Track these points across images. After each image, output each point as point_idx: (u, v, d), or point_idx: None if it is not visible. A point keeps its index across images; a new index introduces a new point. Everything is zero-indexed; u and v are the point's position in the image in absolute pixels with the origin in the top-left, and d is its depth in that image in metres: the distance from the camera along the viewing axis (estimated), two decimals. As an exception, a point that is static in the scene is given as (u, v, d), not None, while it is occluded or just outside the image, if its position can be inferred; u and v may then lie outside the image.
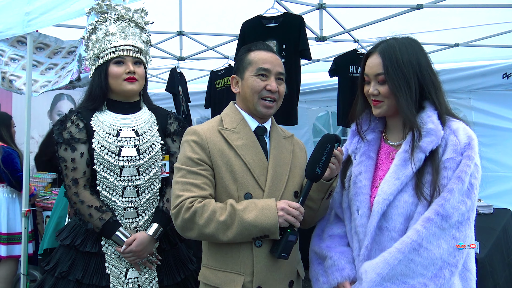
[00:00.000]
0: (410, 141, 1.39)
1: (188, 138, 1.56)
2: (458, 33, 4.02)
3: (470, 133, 1.37)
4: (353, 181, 1.51)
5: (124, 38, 1.87)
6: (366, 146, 1.53)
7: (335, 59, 3.98)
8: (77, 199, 1.80)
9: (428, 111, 1.39)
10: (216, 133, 1.55)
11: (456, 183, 1.29)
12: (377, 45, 1.47)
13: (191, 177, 1.49)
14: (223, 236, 1.43)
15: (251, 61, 1.58)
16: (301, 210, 1.46)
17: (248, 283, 1.47)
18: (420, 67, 1.41)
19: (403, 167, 1.37)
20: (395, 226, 1.36)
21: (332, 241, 1.53)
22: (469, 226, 1.30)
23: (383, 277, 1.28)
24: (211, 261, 1.55)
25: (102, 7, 1.90)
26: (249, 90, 1.56)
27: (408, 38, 1.48)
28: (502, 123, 4.11)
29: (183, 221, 1.45)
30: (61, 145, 1.83)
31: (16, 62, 3.24)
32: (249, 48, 1.63)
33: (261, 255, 1.48)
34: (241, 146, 1.53)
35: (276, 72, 1.58)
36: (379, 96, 1.43)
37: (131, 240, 1.80)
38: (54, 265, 1.86)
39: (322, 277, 1.49)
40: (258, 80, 1.55)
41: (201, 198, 1.46)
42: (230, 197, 1.50)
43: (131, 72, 1.86)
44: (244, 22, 3.40)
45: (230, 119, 1.60)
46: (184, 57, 4.71)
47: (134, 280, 1.85)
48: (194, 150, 1.52)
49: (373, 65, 1.44)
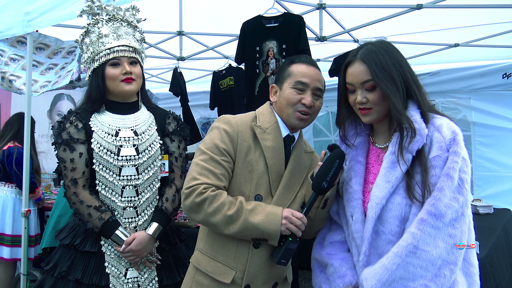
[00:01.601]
0: (395, 143, 1.38)
1: (220, 125, 1.57)
2: (458, 33, 4.02)
3: (454, 128, 1.35)
4: (344, 188, 1.51)
5: (117, 39, 1.87)
6: (354, 151, 1.52)
7: (335, 59, 3.97)
8: (76, 199, 1.80)
9: (411, 110, 1.37)
10: (248, 128, 1.57)
11: (445, 181, 1.28)
12: (355, 53, 1.44)
13: (212, 164, 1.50)
14: (225, 229, 1.46)
15: (291, 73, 1.59)
16: (304, 220, 1.49)
17: (238, 279, 1.52)
18: (402, 67, 1.40)
19: (392, 169, 1.36)
20: (391, 229, 1.36)
21: (332, 248, 1.53)
22: (464, 221, 1.29)
23: (383, 283, 1.27)
24: (207, 248, 1.58)
25: (93, 9, 1.89)
26: (285, 102, 1.57)
27: (383, 41, 1.47)
28: (502, 123, 4.10)
29: (192, 203, 1.47)
30: (60, 145, 1.83)
31: (16, 62, 3.24)
32: (292, 60, 1.64)
33: (256, 256, 1.53)
34: (268, 148, 1.55)
35: (313, 87, 1.58)
36: (367, 104, 1.41)
37: (130, 239, 1.80)
38: (54, 265, 1.86)
39: (325, 284, 1.49)
40: (295, 92, 1.56)
41: (215, 187, 1.49)
42: (241, 194, 1.52)
43: (128, 73, 1.86)
44: (244, 22, 3.40)
45: (264, 119, 1.61)
46: (184, 57, 4.71)
47: (133, 279, 1.85)
48: (223, 139, 1.53)
49: (358, 73, 1.41)
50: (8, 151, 3.56)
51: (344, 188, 1.51)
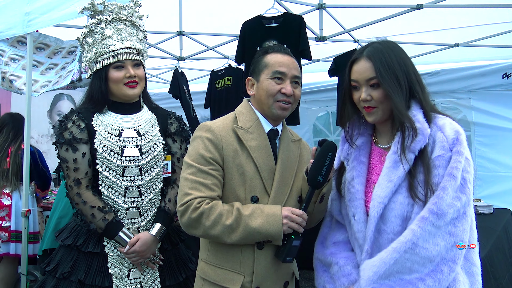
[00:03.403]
0: (398, 142, 1.38)
1: (202, 134, 1.54)
2: (458, 33, 4.02)
3: (457, 128, 1.35)
4: (347, 188, 1.51)
5: (121, 41, 1.85)
6: (356, 151, 1.52)
7: (335, 59, 3.98)
8: (79, 199, 1.80)
9: (413, 110, 1.38)
10: (230, 131, 1.54)
11: (449, 180, 1.28)
12: (361, 51, 1.46)
13: (201, 176, 1.48)
14: (227, 238, 1.45)
15: (267, 64, 1.57)
16: (304, 217, 1.49)
17: (247, 283, 1.50)
18: (406, 67, 1.41)
19: (394, 169, 1.37)
20: (393, 228, 1.36)
21: (336, 247, 1.53)
22: (466, 221, 1.30)
23: (380, 275, 1.29)
24: (211, 257, 1.56)
25: (95, 6, 1.86)
26: (264, 93, 1.55)
27: (389, 41, 1.48)
28: (502, 123, 4.11)
29: (189, 220, 1.46)
30: (62, 145, 1.82)
31: (16, 62, 3.24)
32: (265, 50, 1.61)
33: (262, 257, 1.52)
34: (254, 148, 1.53)
35: (291, 75, 1.56)
36: (371, 102, 1.41)
37: (134, 240, 1.80)
38: (55, 266, 1.85)
39: (329, 284, 1.48)
40: (274, 83, 1.54)
41: (209, 199, 1.46)
42: (237, 199, 1.51)
43: (132, 76, 1.86)
44: (244, 22, 3.40)
45: (244, 118, 1.59)
46: (184, 57, 4.71)
47: (136, 280, 1.85)
48: (207, 148, 1.50)
49: (363, 70, 1.42)
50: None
51: (346, 188, 1.51)
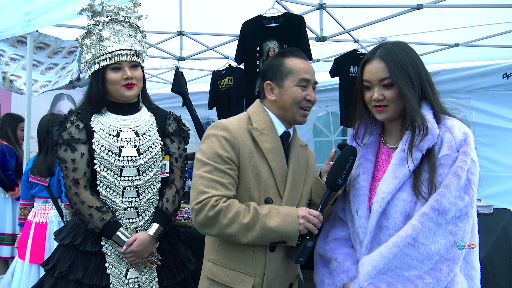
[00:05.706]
0: (406, 140, 1.39)
1: (217, 132, 1.52)
2: (458, 33, 4.03)
3: (466, 130, 1.37)
4: (352, 184, 1.52)
5: (119, 42, 1.85)
6: (364, 149, 1.53)
7: (336, 59, 3.98)
8: (77, 199, 1.80)
9: (424, 110, 1.40)
10: (245, 132, 1.54)
11: (452, 179, 1.29)
12: (374, 51, 1.47)
13: (218, 174, 1.46)
14: (243, 237, 1.44)
15: (292, 70, 1.56)
16: (321, 218, 1.50)
17: (258, 284, 1.49)
18: (418, 68, 1.42)
19: (400, 166, 1.38)
20: (395, 224, 1.37)
21: (336, 243, 1.54)
22: (467, 221, 1.30)
23: (379, 270, 1.29)
24: (220, 258, 1.55)
25: (93, 7, 1.86)
26: (291, 100, 1.56)
27: (401, 42, 1.49)
28: (502, 123, 4.11)
29: (206, 218, 1.43)
30: (61, 145, 1.83)
31: (17, 62, 3.25)
32: (283, 53, 1.61)
33: (274, 259, 1.52)
34: (269, 150, 1.54)
35: (314, 81, 1.59)
36: (383, 101, 1.43)
37: (131, 240, 1.80)
38: (54, 265, 1.86)
39: (328, 279, 1.49)
40: (300, 90, 1.55)
41: (226, 198, 1.46)
42: (251, 199, 1.51)
43: (129, 78, 1.86)
44: (244, 22, 3.40)
45: (259, 119, 1.58)
46: (184, 57, 4.72)
47: (134, 280, 1.85)
48: (224, 147, 1.49)
49: (376, 70, 1.43)
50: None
51: (351, 185, 1.52)
